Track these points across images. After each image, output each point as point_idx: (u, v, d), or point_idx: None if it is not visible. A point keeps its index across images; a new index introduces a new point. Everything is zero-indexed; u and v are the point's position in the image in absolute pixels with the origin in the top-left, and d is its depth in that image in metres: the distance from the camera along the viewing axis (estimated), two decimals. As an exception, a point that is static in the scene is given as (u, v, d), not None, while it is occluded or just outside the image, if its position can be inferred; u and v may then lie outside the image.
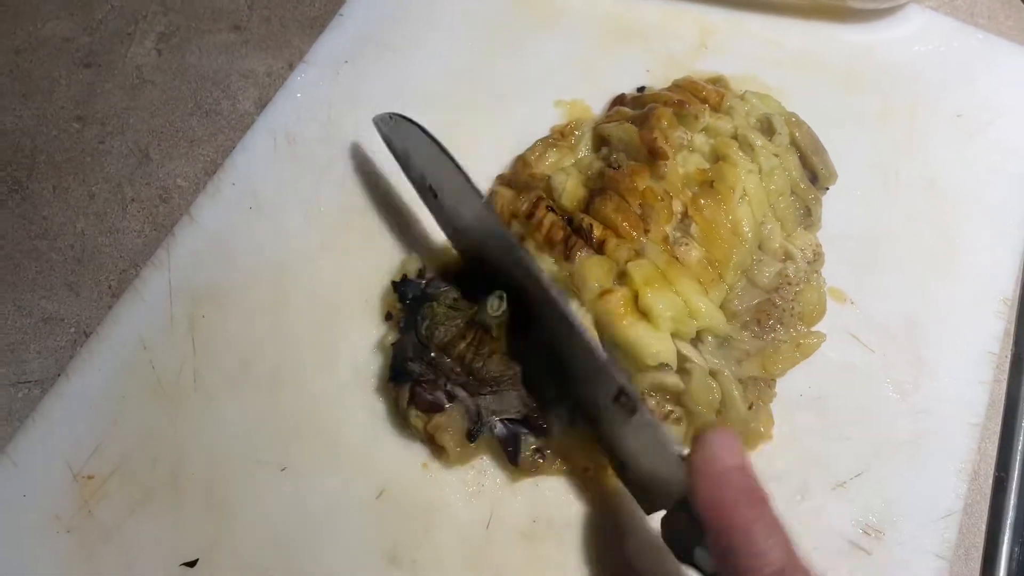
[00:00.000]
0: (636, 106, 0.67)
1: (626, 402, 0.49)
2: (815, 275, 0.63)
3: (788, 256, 0.63)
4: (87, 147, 0.69)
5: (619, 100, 0.70)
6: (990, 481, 0.61)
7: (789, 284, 0.62)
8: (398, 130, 0.62)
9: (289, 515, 0.56)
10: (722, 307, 0.59)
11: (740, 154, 0.63)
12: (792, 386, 0.61)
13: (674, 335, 0.56)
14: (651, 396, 0.56)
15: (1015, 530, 0.59)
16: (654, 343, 0.55)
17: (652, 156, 0.61)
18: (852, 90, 0.74)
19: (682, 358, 0.56)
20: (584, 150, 0.67)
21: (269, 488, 0.57)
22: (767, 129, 0.65)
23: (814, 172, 0.66)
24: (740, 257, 0.60)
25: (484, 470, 0.58)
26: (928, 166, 0.71)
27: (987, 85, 0.75)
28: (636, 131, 0.62)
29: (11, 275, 0.64)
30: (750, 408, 0.58)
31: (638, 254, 0.57)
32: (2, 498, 0.56)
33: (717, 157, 0.63)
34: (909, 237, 0.68)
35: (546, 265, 0.59)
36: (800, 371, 0.61)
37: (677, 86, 0.69)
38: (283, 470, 0.57)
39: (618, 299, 0.55)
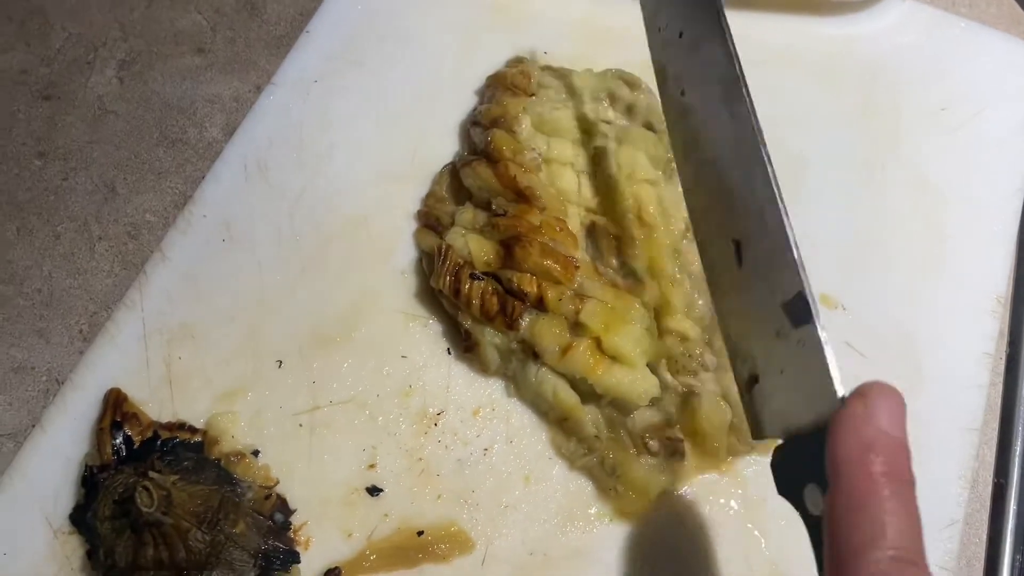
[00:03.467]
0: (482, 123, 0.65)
1: (798, 311, 0.42)
2: None
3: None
4: (50, 185, 0.67)
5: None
6: (989, 488, 0.60)
7: None
8: None
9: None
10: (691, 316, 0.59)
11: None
12: (786, 399, 0.60)
13: (649, 363, 0.56)
14: (650, 439, 0.54)
15: (1016, 537, 0.58)
16: (639, 382, 0.54)
17: (521, 198, 0.59)
18: (833, 87, 0.72)
19: (687, 389, 0.55)
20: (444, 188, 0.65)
21: (256, 534, 0.55)
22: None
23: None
24: (670, 240, 0.60)
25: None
26: (914, 162, 0.70)
27: (971, 75, 0.73)
28: (491, 173, 0.60)
29: (-23, 324, 0.62)
30: None
31: (579, 296, 0.56)
32: (-19, 559, 0.54)
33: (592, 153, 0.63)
34: (898, 236, 0.67)
35: (488, 337, 0.57)
36: (794, 383, 0.60)
37: (488, 87, 0.67)
38: (270, 515, 0.56)
39: (583, 351, 0.54)
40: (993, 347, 0.62)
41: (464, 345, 0.59)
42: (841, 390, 0.39)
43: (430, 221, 0.63)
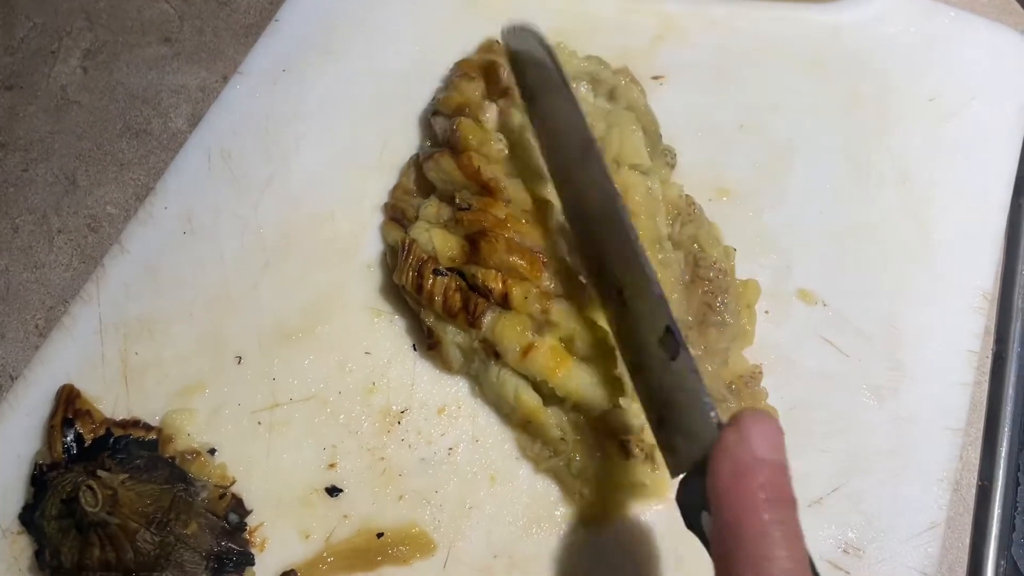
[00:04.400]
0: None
1: (670, 344, 0.44)
2: (704, 224, 0.61)
3: (676, 209, 0.61)
4: (9, 176, 0.65)
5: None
6: (973, 491, 0.58)
7: (703, 252, 0.60)
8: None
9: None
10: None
11: None
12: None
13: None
14: (635, 445, 0.52)
15: (1000, 542, 0.56)
16: (601, 385, 0.52)
17: (485, 191, 0.57)
18: (820, 77, 0.70)
19: None
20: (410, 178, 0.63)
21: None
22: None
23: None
24: (653, 231, 0.58)
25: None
26: (901, 154, 0.67)
27: (960, 65, 0.71)
28: (454, 165, 0.58)
29: (-69, 318, 0.60)
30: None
31: (545, 294, 0.54)
32: (-72, 559, 0.53)
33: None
34: (883, 231, 0.65)
35: (451, 336, 0.56)
36: (773, 381, 0.58)
37: (456, 76, 0.65)
38: (225, 515, 0.54)
39: (545, 353, 0.52)
40: (979, 345, 0.60)
41: (427, 343, 0.57)
42: (718, 418, 0.40)
43: (396, 214, 0.61)
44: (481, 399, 0.57)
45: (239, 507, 0.54)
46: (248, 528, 0.53)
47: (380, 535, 0.54)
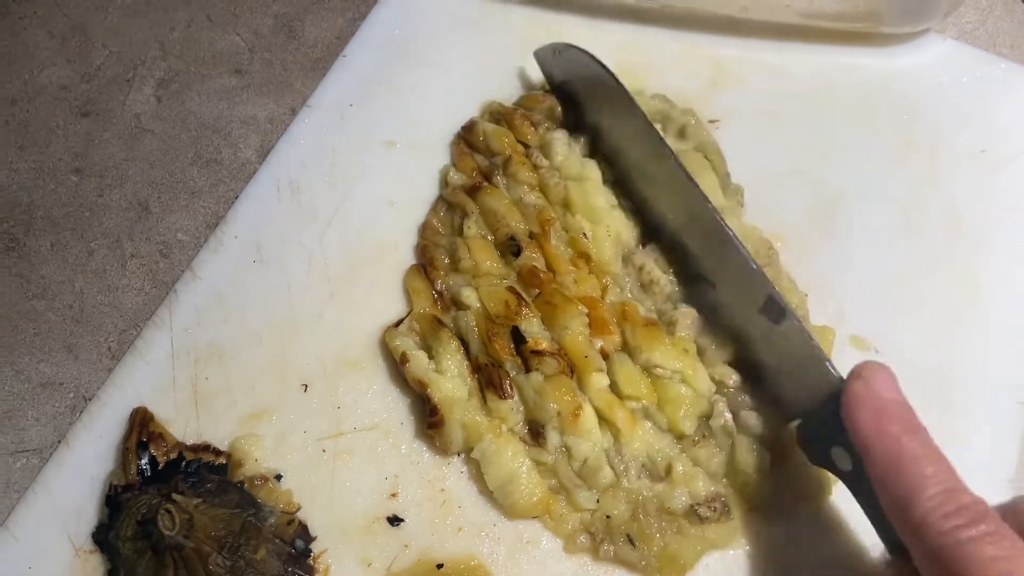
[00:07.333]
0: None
1: (774, 310, 0.52)
2: (782, 270, 0.63)
3: None
4: (85, 201, 0.67)
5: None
6: None
7: None
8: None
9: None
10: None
11: None
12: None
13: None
14: (699, 507, 0.54)
15: (1052, 594, 0.57)
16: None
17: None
18: (871, 125, 0.72)
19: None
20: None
21: (276, 560, 0.55)
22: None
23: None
24: None
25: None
26: (952, 204, 0.68)
27: (1012, 117, 0.72)
28: (510, 205, 0.62)
29: (8, 338, 0.62)
30: None
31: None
32: (4, 574, 0.54)
33: None
34: (933, 278, 0.65)
35: (458, 415, 0.56)
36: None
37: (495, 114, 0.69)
38: (291, 541, 0.55)
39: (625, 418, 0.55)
40: (1030, 396, 0.61)
41: (428, 421, 0.57)
42: (838, 372, 0.49)
43: (425, 260, 0.63)
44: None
45: (304, 533, 0.55)
46: (313, 555, 0.55)
47: (440, 566, 0.55)
